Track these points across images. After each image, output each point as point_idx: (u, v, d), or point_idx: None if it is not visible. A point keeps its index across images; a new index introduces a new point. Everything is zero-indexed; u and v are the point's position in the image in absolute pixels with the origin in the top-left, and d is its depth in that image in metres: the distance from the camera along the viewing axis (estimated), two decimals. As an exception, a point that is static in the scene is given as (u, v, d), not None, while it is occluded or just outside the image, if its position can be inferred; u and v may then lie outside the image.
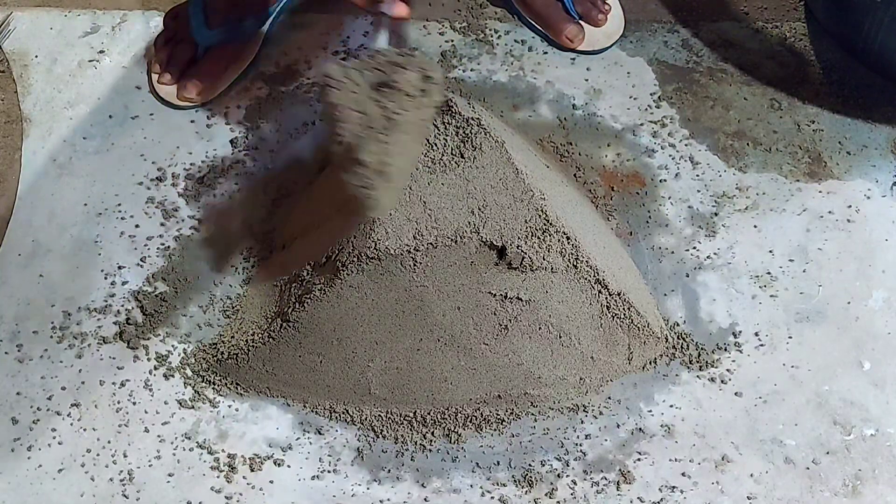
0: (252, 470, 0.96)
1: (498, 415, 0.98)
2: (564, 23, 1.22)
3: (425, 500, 0.95)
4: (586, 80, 1.22)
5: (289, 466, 0.96)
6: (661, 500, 0.95)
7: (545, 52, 1.24)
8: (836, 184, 1.14)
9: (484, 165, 0.94)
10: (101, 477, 0.95)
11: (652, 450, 0.97)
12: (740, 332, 1.04)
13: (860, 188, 1.14)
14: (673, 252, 1.09)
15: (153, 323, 1.04)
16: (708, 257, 1.09)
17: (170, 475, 0.95)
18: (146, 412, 0.99)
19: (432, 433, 0.98)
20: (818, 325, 1.05)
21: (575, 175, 1.14)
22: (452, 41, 1.25)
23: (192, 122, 1.18)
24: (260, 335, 0.97)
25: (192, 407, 0.99)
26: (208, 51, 1.19)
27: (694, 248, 1.10)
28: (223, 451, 0.97)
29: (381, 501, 0.94)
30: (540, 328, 0.96)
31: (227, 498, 0.94)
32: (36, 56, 1.23)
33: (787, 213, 1.12)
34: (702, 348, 1.03)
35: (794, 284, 1.07)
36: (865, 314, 1.05)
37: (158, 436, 0.97)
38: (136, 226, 1.10)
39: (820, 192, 1.14)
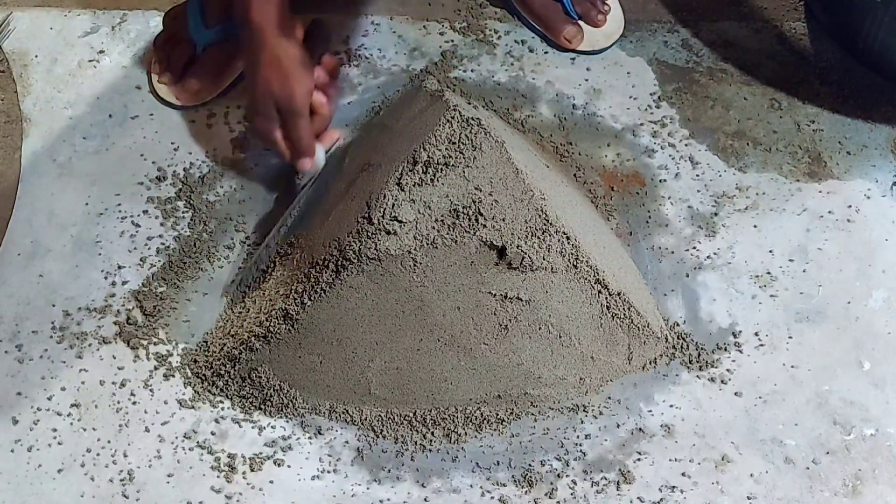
0: (252, 470, 0.96)
1: (498, 415, 0.98)
2: (563, 23, 1.22)
3: (425, 500, 0.95)
4: (586, 80, 1.22)
5: (289, 466, 0.96)
6: (661, 500, 0.95)
7: (545, 52, 1.24)
8: (836, 184, 1.14)
9: (484, 165, 0.94)
10: (101, 477, 0.95)
11: (652, 450, 0.97)
12: (740, 332, 1.04)
13: (860, 188, 1.14)
14: (673, 252, 1.09)
15: (153, 323, 1.04)
16: (708, 257, 1.09)
17: (170, 475, 0.95)
18: (146, 412, 0.99)
19: (432, 433, 0.98)
20: (818, 325, 1.05)
21: (575, 175, 1.14)
22: (452, 41, 1.25)
23: (192, 121, 1.18)
24: (260, 335, 0.97)
25: (192, 407, 0.99)
26: (207, 50, 1.19)
27: (694, 248, 1.10)
28: (223, 451, 0.97)
29: (381, 501, 0.94)
30: (540, 328, 0.96)
31: (227, 498, 0.94)
32: (36, 56, 1.23)
33: (787, 213, 1.12)
34: (702, 348, 1.03)
35: (794, 284, 1.07)
36: (865, 314, 1.05)
37: (158, 436, 0.97)
38: (137, 226, 1.10)
39: (820, 192, 1.14)
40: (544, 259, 0.94)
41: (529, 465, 0.96)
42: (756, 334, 1.04)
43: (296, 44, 1.03)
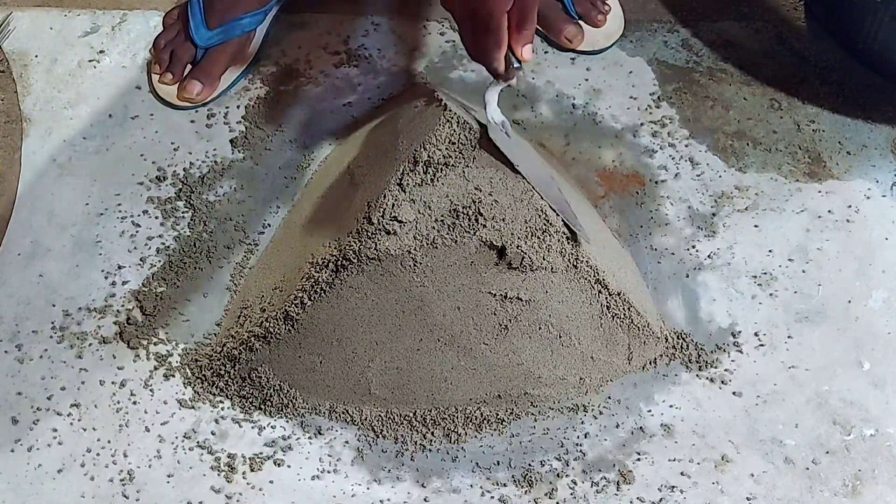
0: (252, 470, 0.96)
1: (498, 415, 0.98)
2: (564, 23, 1.22)
3: (425, 500, 0.95)
4: (586, 80, 1.22)
5: (289, 466, 0.96)
6: (661, 500, 0.95)
7: (545, 52, 1.24)
8: (836, 184, 1.14)
9: (484, 165, 0.94)
10: (101, 477, 0.95)
11: (652, 450, 0.97)
12: (740, 332, 1.04)
13: (860, 188, 1.14)
14: (673, 252, 1.09)
15: (153, 323, 1.04)
16: (708, 257, 1.09)
17: (170, 475, 0.95)
18: (146, 412, 0.99)
19: (432, 433, 0.98)
20: (818, 325, 1.05)
21: (575, 175, 1.14)
22: (453, 41, 1.25)
23: (192, 122, 1.18)
24: (260, 335, 0.97)
25: (192, 407, 0.99)
26: (207, 51, 1.19)
27: (694, 248, 1.10)
28: (223, 451, 0.97)
29: (381, 501, 0.94)
30: (540, 328, 0.96)
31: (227, 498, 0.94)
32: (36, 56, 1.23)
33: (787, 213, 1.12)
34: (701, 348, 1.03)
35: (794, 284, 1.07)
36: (865, 314, 1.05)
37: (158, 436, 0.97)
38: (137, 226, 1.10)
39: (820, 192, 1.14)
40: (544, 259, 0.94)
41: (529, 465, 0.96)
42: (756, 334, 1.04)
43: None
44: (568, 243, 0.95)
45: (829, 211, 1.12)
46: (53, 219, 1.10)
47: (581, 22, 1.23)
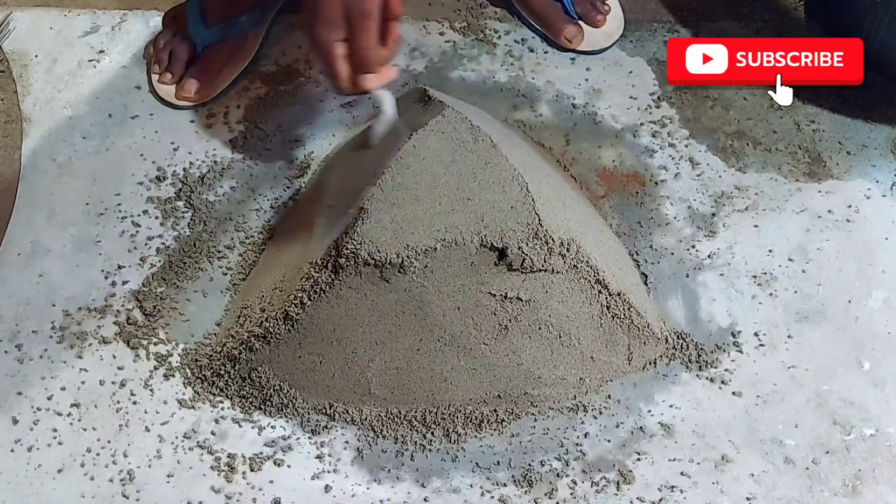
0: (252, 470, 0.96)
1: (498, 415, 0.98)
2: (563, 23, 1.22)
3: (425, 500, 0.95)
4: (586, 80, 1.22)
5: (289, 466, 0.96)
6: (661, 499, 0.95)
7: (545, 52, 1.24)
8: (836, 184, 1.14)
9: (484, 167, 0.94)
10: (101, 477, 0.95)
11: (652, 449, 0.97)
12: (740, 332, 1.04)
13: (860, 188, 1.14)
14: (673, 252, 1.09)
15: (153, 323, 1.04)
16: (708, 257, 1.09)
17: (170, 475, 0.95)
18: (146, 412, 0.99)
19: (432, 433, 0.98)
20: (818, 325, 1.05)
21: (575, 175, 1.14)
22: (453, 41, 1.25)
23: (192, 121, 1.18)
24: (260, 335, 0.97)
25: (192, 407, 0.99)
26: (206, 50, 1.19)
27: (694, 248, 1.10)
28: (223, 451, 0.97)
29: (381, 501, 0.94)
30: (540, 328, 0.96)
31: (227, 498, 0.94)
32: (36, 56, 1.23)
33: (787, 213, 1.12)
34: (701, 348, 1.03)
35: (794, 284, 1.07)
36: (865, 314, 1.05)
37: (158, 436, 0.97)
38: (137, 226, 1.10)
39: (820, 192, 1.14)
40: (545, 260, 0.93)
41: (529, 465, 0.96)
42: (756, 334, 1.04)
43: None
44: (568, 244, 0.94)
45: (829, 211, 1.12)
46: (53, 219, 1.10)
47: (581, 22, 1.23)
